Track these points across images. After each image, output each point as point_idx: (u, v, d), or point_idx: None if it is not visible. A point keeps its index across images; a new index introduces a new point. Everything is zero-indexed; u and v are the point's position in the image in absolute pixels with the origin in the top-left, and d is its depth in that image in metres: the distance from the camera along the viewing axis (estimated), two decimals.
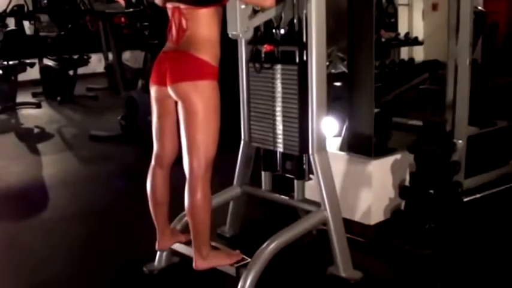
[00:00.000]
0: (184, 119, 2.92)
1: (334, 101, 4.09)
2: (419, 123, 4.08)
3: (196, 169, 2.91)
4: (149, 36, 6.06)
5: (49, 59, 9.41)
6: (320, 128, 3.20)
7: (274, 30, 3.29)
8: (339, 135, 4.04)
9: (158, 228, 3.25)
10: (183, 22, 2.89)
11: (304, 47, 3.17)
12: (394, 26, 7.41)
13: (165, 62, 2.95)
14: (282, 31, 3.26)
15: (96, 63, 10.52)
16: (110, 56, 8.55)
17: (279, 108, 3.32)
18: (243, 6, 2.96)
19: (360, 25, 3.70)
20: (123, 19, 7.28)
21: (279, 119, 3.33)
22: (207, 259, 3.04)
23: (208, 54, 2.87)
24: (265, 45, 3.30)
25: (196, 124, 2.87)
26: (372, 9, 3.62)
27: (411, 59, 6.68)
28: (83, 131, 7.11)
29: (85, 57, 9.35)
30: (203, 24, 2.87)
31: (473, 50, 4.43)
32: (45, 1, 9.53)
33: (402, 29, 7.32)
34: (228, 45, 3.14)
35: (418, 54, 7.40)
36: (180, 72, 2.87)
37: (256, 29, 3.26)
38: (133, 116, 6.38)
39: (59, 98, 9.02)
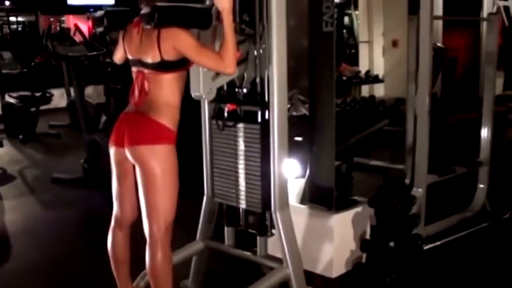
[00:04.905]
0: (142, 183, 2.94)
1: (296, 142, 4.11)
2: (381, 163, 4.10)
3: (156, 233, 2.95)
4: (112, 80, 6.06)
5: (11, 96, 9.32)
6: (282, 186, 3.24)
7: (237, 89, 3.32)
8: (301, 176, 4.07)
9: (120, 285, 3.24)
10: (146, 85, 2.92)
11: (266, 106, 3.20)
12: (355, 58, 7.55)
13: (124, 124, 2.97)
14: (245, 90, 3.30)
15: (59, 98, 10.43)
16: (73, 91, 8.48)
17: (241, 166, 3.34)
18: (205, 69, 2.99)
19: (320, 67, 3.71)
20: None
21: (241, 176, 3.35)
22: None
23: (168, 118, 2.90)
24: (228, 104, 3.33)
25: (154, 189, 2.90)
26: (333, 50, 3.62)
27: (372, 96, 6.80)
28: (45, 173, 7.01)
29: (47, 95, 9.27)
30: (165, 88, 2.90)
31: (433, 85, 4.46)
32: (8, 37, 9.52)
33: (363, 66, 7.45)
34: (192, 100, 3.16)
35: (379, 90, 7.52)
36: (138, 135, 2.89)
37: (220, 88, 3.27)
38: (96, 160, 6.34)
39: (21, 136, 8.92)
